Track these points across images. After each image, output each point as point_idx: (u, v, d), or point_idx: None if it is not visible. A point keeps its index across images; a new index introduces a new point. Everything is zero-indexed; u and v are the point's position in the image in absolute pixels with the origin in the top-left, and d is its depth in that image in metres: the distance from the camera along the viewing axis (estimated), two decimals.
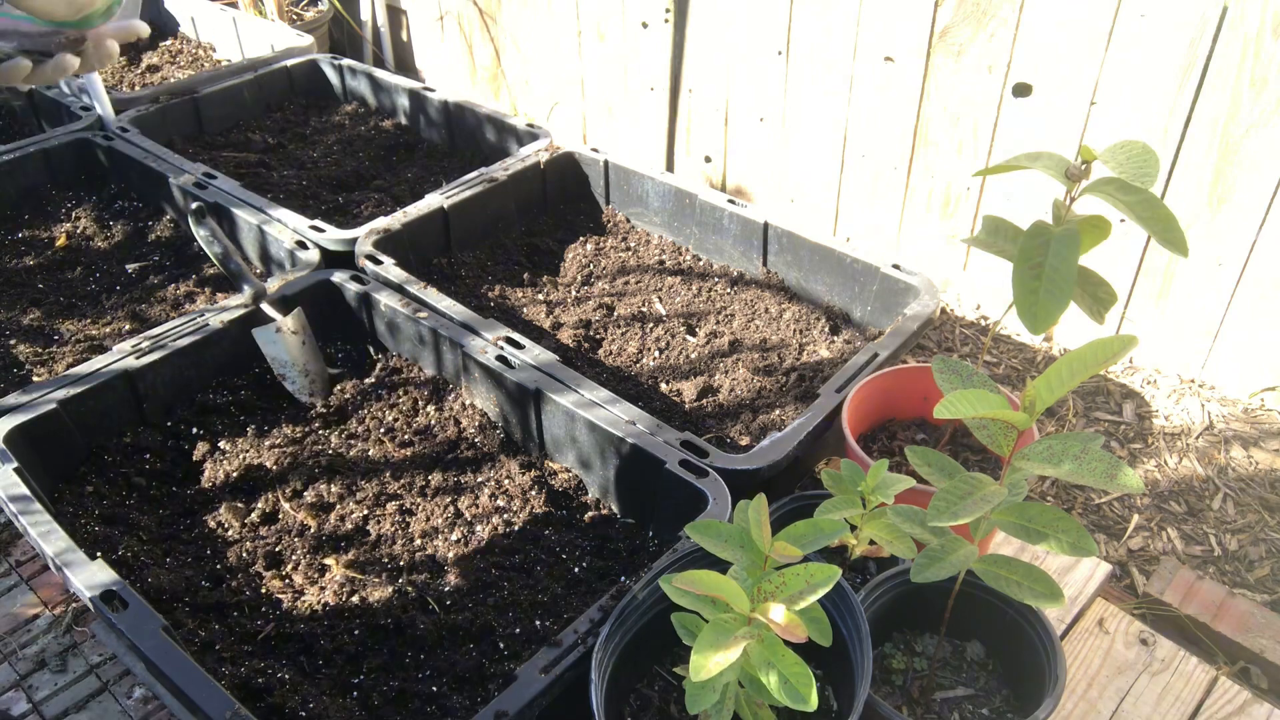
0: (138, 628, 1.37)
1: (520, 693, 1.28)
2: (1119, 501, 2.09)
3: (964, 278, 2.57)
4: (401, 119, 3.09)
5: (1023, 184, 2.37)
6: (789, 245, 2.32)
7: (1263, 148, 2.00)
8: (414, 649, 1.55)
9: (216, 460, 1.91)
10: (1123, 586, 1.90)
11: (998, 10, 2.22)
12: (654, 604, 1.38)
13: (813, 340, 2.23)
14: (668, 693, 1.42)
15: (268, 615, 1.62)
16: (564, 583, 1.67)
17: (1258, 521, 2.03)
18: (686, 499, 1.60)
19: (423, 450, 1.95)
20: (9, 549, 2.01)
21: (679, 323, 2.30)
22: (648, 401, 2.00)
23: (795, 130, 2.72)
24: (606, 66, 3.11)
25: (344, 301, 2.16)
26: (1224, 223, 2.11)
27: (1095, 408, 2.31)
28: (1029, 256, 1.30)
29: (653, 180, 2.52)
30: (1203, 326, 2.24)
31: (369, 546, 1.75)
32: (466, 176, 2.50)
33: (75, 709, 1.72)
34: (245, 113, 3.12)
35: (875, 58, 2.47)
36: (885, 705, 1.31)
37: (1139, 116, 2.12)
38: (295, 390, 2.06)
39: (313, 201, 2.67)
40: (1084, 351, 1.14)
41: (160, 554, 1.72)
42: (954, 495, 1.16)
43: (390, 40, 3.87)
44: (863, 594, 1.41)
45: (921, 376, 1.84)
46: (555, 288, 2.44)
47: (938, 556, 1.19)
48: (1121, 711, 1.56)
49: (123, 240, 2.59)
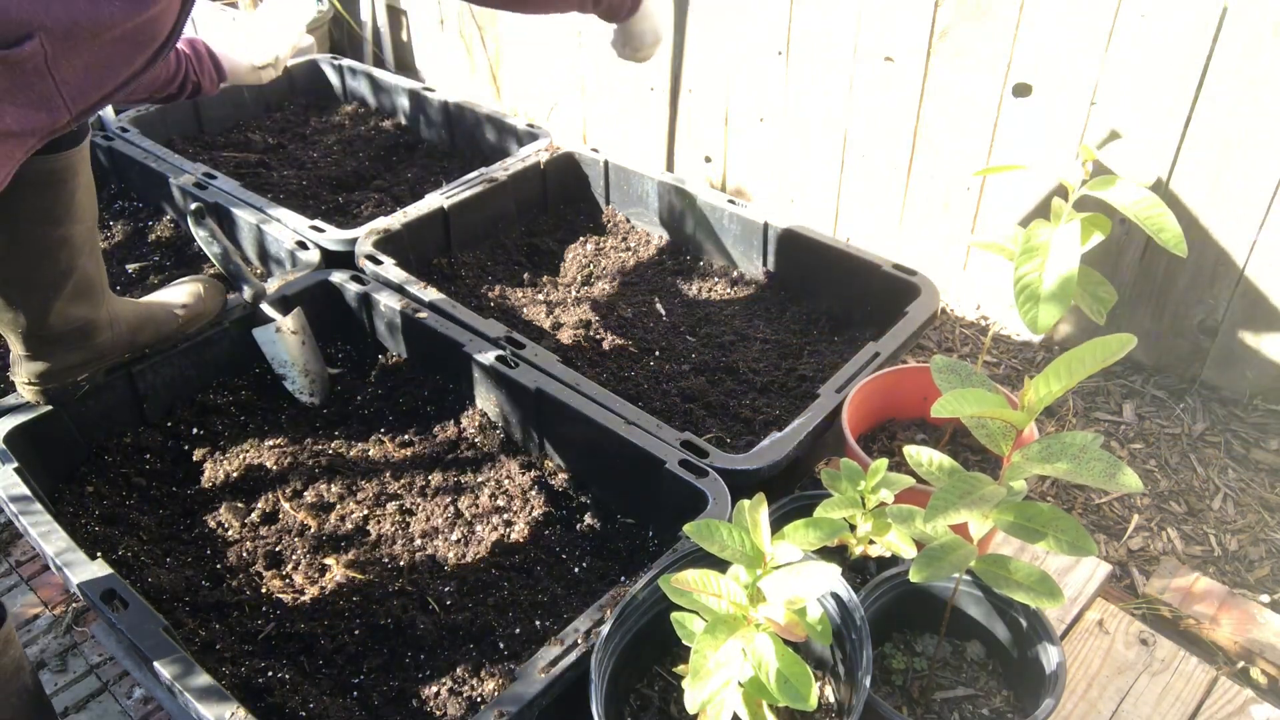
0: (138, 628, 1.37)
1: (520, 693, 1.28)
2: (1119, 501, 2.09)
3: (964, 278, 2.57)
4: (401, 119, 3.09)
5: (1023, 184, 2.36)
6: (789, 245, 2.32)
7: (1262, 148, 1.99)
8: (414, 649, 1.55)
9: (216, 460, 1.92)
10: (1123, 586, 1.90)
11: (998, 10, 2.22)
12: (654, 604, 1.38)
13: (813, 340, 2.23)
14: (668, 693, 1.42)
15: (268, 615, 1.62)
16: (564, 583, 1.67)
17: (1258, 521, 2.03)
18: (686, 499, 1.60)
19: (423, 450, 1.95)
20: (9, 549, 2.01)
21: (679, 323, 2.30)
22: (648, 401, 2.00)
23: (795, 130, 2.72)
24: (606, 66, 3.11)
25: (344, 302, 2.16)
26: (1223, 223, 2.11)
27: (1095, 408, 2.31)
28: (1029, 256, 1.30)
29: (653, 180, 2.52)
30: (1202, 326, 2.24)
31: (369, 546, 1.75)
32: (466, 176, 2.50)
33: (75, 709, 1.72)
34: (245, 113, 3.12)
35: (875, 58, 2.47)
36: (885, 705, 1.31)
37: (1139, 116, 2.12)
38: (295, 390, 2.06)
39: (313, 201, 2.67)
40: (1083, 350, 1.14)
41: (160, 554, 1.72)
42: (953, 494, 1.16)
43: (390, 40, 3.87)
44: (863, 594, 1.41)
45: (921, 376, 1.84)
46: (555, 288, 2.44)
47: (938, 556, 1.19)
48: (1121, 711, 1.56)
49: (123, 240, 2.59)
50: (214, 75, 1.87)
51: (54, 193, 1.54)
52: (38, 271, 1.59)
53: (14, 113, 1.09)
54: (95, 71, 1.15)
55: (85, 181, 1.62)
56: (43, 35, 1.05)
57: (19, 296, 1.60)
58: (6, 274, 1.57)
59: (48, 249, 1.58)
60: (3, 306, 1.60)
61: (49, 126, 1.14)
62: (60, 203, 1.56)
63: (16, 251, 1.55)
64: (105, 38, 1.12)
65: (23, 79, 1.07)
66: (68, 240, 1.60)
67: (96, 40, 1.11)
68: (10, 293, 1.59)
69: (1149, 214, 1.29)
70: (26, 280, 1.59)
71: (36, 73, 1.08)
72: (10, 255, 1.55)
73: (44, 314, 1.63)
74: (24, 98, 1.09)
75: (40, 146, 1.19)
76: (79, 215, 1.61)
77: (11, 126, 1.10)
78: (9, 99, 1.08)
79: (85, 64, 1.12)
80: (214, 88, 1.88)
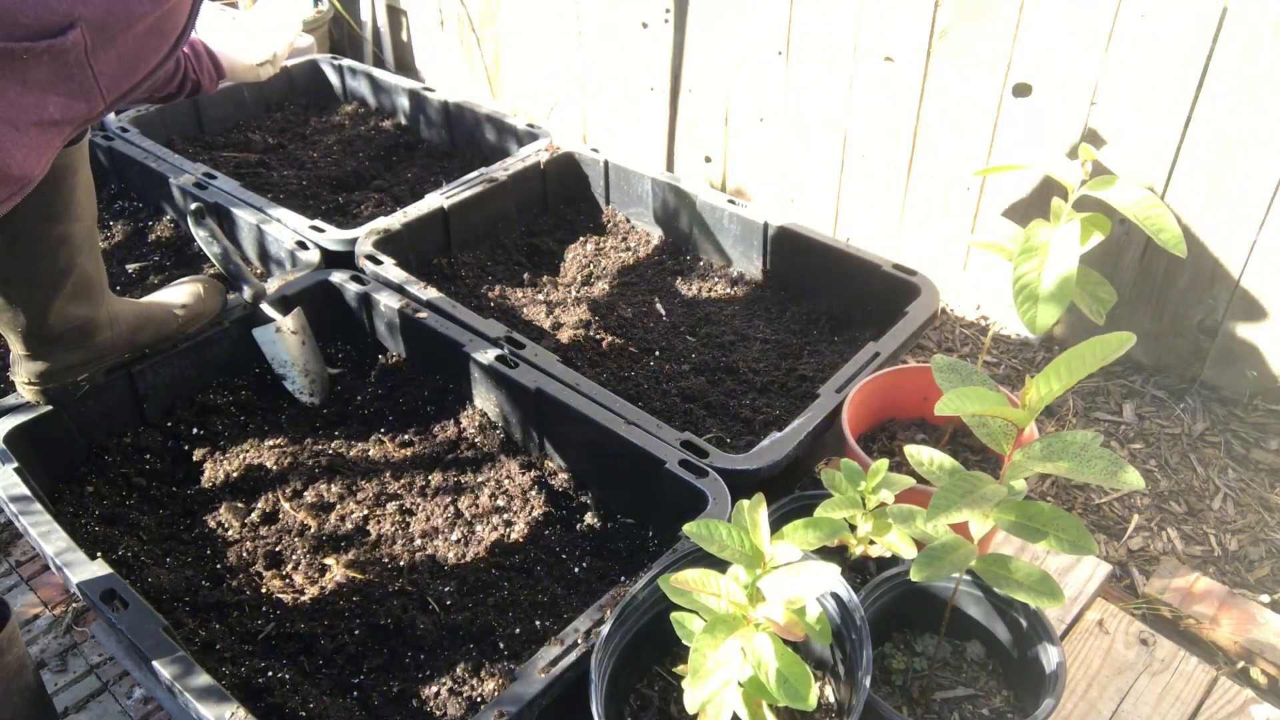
0: (138, 628, 1.37)
1: (520, 693, 1.28)
2: (1119, 501, 2.09)
3: (964, 278, 2.57)
4: (401, 119, 3.09)
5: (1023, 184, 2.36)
6: (789, 245, 2.32)
7: (1262, 148, 1.99)
8: (414, 649, 1.55)
9: (216, 460, 1.91)
10: (1123, 586, 1.90)
11: (998, 10, 2.22)
12: (654, 604, 1.38)
13: (813, 340, 2.23)
14: (668, 693, 1.42)
15: (268, 615, 1.62)
16: (564, 583, 1.67)
17: (1258, 521, 2.03)
18: (686, 499, 1.60)
19: (423, 450, 1.95)
20: (9, 549, 2.01)
21: (679, 323, 2.30)
22: (648, 401, 2.00)
23: (795, 130, 2.72)
24: (606, 66, 3.11)
25: (344, 302, 2.16)
26: (1223, 223, 2.11)
27: (1095, 407, 2.31)
28: (1028, 256, 1.30)
29: (653, 180, 2.52)
30: (1202, 326, 2.24)
31: (369, 546, 1.75)
32: (466, 176, 2.50)
33: (75, 709, 1.72)
34: (245, 113, 3.12)
35: (875, 58, 2.47)
36: (885, 705, 1.31)
37: (1139, 116, 2.12)
38: (295, 390, 2.06)
39: (313, 201, 2.67)
40: (1083, 349, 1.14)
41: (160, 554, 1.72)
42: (954, 494, 1.16)
43: (390, 40, 3.87)
44: (863, 594, 1.41)
45: (921, 376, 1.84)
46: (555, 288, 2.44)
47: (938, 556, 1.19)
48: (1121, 711, 1.56)
49: (123, 240, 2.59)
50: (213, 73, 1.88)
51: (53, 190, 1.54)
52: (37, 270, 1.59)
53: (57, 102, 1.14)
54: (127, 62, 1.21)
55: (84, 180, 1.62)
56: (83, 25, 1.10)
57: (18, 295, 1.60)
58: (6, 272, 1.57)
59: (47, 247, 1.58)
60: (2, 305, 1.60)
61: (86, 115, 1.19)
62: (59, 200, 1.56)
63: (15, 250, 1.55)
64: (137, 29, 1.18)
65: (65, 69, 1.12)
66: (67, 238, 1.60)
67: (130, 31, 1.17)
68: (10, 291, 1.59)
69: (1149, 214, 1.29)
70: (26, 279, 1.59)
71: (78, 63, 1.13)
72: (9, 253, 1.55)
73: (44, 313, 1.63)
74: (65, 87, 1.13)
75: (75, 133, 1.25)
76: (78, 213, 1.61)
77: (55, 115, 1.14)
78: (53, 89, 1.12)
79: (119, 54, 1.18)
80: (213, 86, 1.88)
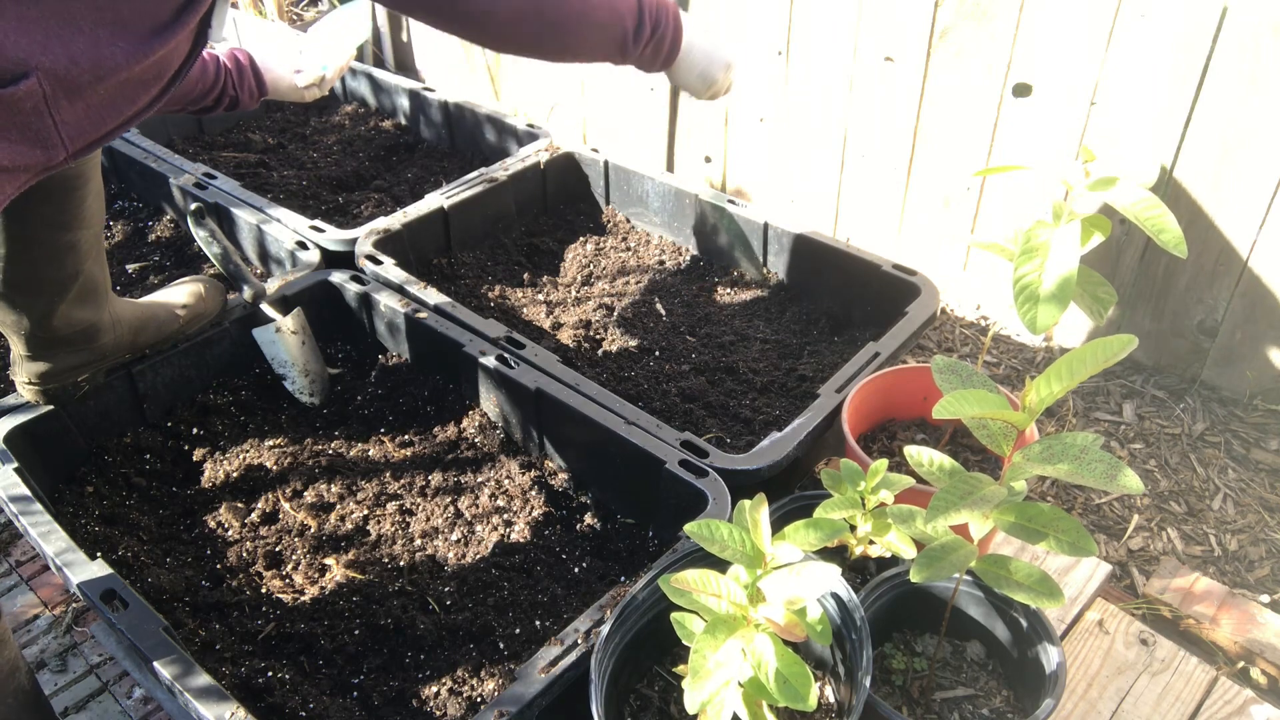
0: (138, 628, 1.37)
1: (520, 693, 1.28)
2: (1119, 501, 2.09)
3: (964, 278, 2.57)
4: (401, 119, 3.09)
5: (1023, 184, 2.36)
6: (789, 245, 2.32)
7: (1262, 148, 1.99)
8: (414, 649, 1.55)
9: (216, 460, 1.92)
10: (1123, 586, 1.90)
11: (998, 10, 2.22)
12: (654, 604, 1.38)
13: (813, 340, 2.23)
14: (668, 693, 1.42)
15: (268, 615, 1.62)
16: (564, 583, 1.67)
17: (1258, 521, 2.03)
18: (686, 499, 1.60)
19: (423, 450, 1.95)
20: (9, 549, 2.01)
21: (679, 323, 2.30)
22: (648, 401, 2.00)
23: (795, 130, 2.72)
24: (605, 66, 3.11)
25: (344, 302, 2.16)
26: (1223, 223, 2.11)
27: (1095, 408, 2.31)
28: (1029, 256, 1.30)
29: (653, 180, 2.52)
30: (1202, 326, 2.24)
31: (369, 546, 1.75)
32: (466, 177, 2.50)
33: (75, 709, 1.72)
34: (245, 113, 3.12)
35: (875, 58, 2.46)
36: (885, 705, 1.31)
37: (1139, 116, 2.12)
38: (295, 390, 2.06)
39: (313, 201, 2.67)
40: (1084, 351, 1.14)
41: (160, 554, 1.72)
42: (954, 495, 1.16)
43: (390, 40, 3.87)
44: (863, 594, 1.41)
45: (921, 376, 1.84)
46: (555, 288, 2.44)
47: (938, 556, 1.19)
48: (1121, 711, 1.56)
49: (123, 240, 2.59)
50: (254, 90, 1.82)
51: (65, 198, 1.53)
52: (44, 275, 1.58)
53: (6, 149, 1.05)
54: (98, 112, 1.11)
55: (96, 188, 1.60)
56: (40, 75, 1.01)
57: (24, 299, 1.60)
58: (12, 277, 1.56)
59: (55, 253, 1.57)
60: (7, 309, 1.60)
61: (44, 164, 1.10)
62: (70, 208, 1.55)
63: (25, 256, 1.54)
64: (110, 82, 1.08)
65: (19, 117, 1.03)
66: (75, 245, 1.59)
67: (101, 84, 1.07)
68: (15, 295, 1.59)
69: (1149, 214, 1.29)
70: (32, 283, 1.59)
71: (35, 112, 1.04)
72: (18, 259, 1.54)
73: (48, 317, 1.63)
74: (18, 135, 1.05)
75: (35, 181, 1.15)
76: (88, 221, 1.60)
77: (3, 162, 1.06)
78: (4, 135, 1.04)
79: (88, 105, 1.09)
80: (253, 102, 1.83)
